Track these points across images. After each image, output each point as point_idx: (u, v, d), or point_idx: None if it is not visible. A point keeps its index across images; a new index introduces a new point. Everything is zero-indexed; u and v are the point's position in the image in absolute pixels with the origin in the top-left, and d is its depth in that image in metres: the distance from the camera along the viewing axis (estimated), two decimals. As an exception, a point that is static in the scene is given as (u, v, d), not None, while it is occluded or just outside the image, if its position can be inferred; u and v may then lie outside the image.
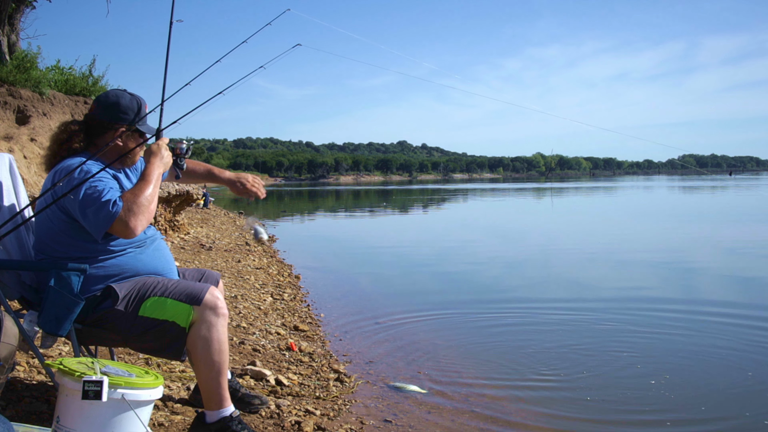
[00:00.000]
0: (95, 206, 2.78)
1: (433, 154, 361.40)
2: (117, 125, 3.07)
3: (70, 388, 2.36)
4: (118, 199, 2.79)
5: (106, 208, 2.76)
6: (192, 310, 2.88)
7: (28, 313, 2.91)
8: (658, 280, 9.72)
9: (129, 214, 2.78)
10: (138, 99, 3.16)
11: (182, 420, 3.38)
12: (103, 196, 2.79)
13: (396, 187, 78.80)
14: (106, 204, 2.77)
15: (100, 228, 2.79)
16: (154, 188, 2.93)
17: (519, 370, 5.31)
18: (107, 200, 2.78)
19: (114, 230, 2.80)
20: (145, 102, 3.19)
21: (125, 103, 3.10)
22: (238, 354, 5.02)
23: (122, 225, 2.78)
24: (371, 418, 4.00)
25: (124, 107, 3.09)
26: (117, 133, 3.07)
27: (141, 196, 2.85)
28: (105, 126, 3.07)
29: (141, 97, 3.20)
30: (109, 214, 2.76)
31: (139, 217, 2.81)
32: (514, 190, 60.42)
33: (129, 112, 3.09)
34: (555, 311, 7.41)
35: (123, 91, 3.20)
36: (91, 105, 3.17)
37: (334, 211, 30.92)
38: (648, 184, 78.36)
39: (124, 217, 2.77)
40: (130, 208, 2.80)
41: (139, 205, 2.82)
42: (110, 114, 3.07)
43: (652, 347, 5.90)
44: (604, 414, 4.33)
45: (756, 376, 5.05)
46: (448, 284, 9.42)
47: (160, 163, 3.08)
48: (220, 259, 10.49)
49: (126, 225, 2.78)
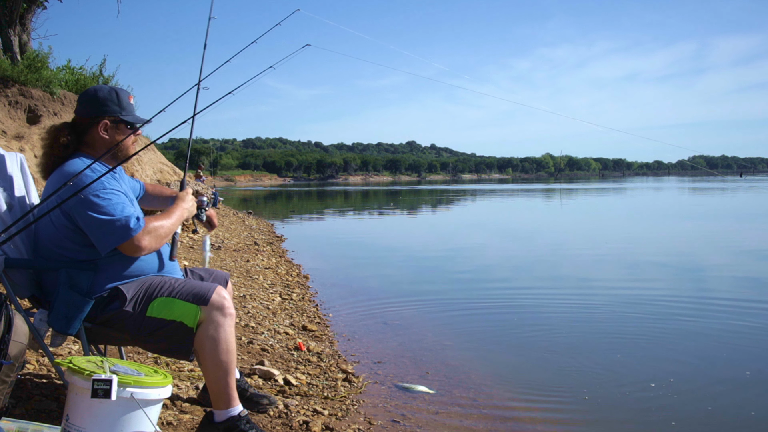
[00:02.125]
0: (106, 225, 2.83)
1: (442, 154, 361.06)
2: (98, 118, 3.09)
3: (80, 387, 2.37)
4: (133, 221, 2.85)
5: (119, 227, 2.82)
6: (199, 310, 2.89)
7: (39, 311, 2.93)
8: (668, 280, 9.68)
9: (146, 238, 2.88)
10: (117, 90, 3.18)
11: (191, 419, 3.39)
12: (116, 214, 2.82)
13: (404, 188, 78.75)
14: (118, 223, 2.82)
15: (108, 246, 2.86)
16: (172, 225, 3.05)
17: (526, 371, 5.31)
18: (120, 220, 2.83)
19: (123, 247, 2.86)
20: (128, 93, 3.20)
21: (103, 95, 3.12)
22: (246, 353, 5.03)
23: (133, 246, 2.87)
24: (379, 418, 4.00)
25: (102, 99, 3.11)
26: (100, 126, 3.08)
27: (161, 229, 2.97)
28: (88, 121, 3.10)
29: (123, 89, 3.22)
30: (123, 234, 2.83)
31: (153, 244, 2.93)
32: (523, 190, 60.29)
33: (108, 103, 3.10)
34: (564, 313, 7.40)
35: (103, 85, 3.24)
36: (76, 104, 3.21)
37: (342, 212, 30.93)
38: (658, 185, 78.04)
39: (139, 240, 2.86)
40: (149, 232, 2.90)
41: (157, 235, 2.94)
42: (91, 108, 3.10)
43: (661, 348, 5.88)
44: (612, 415, 4.32)
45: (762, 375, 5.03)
46: (456, 285, 9.41)
47: (185, 209, 3.19)
48: (229, 259, 10.51)
49: (138, 247, 2.87)
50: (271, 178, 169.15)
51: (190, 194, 3.31)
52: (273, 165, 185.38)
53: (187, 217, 3.22)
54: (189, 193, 3.31)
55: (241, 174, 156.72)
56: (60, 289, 2.83)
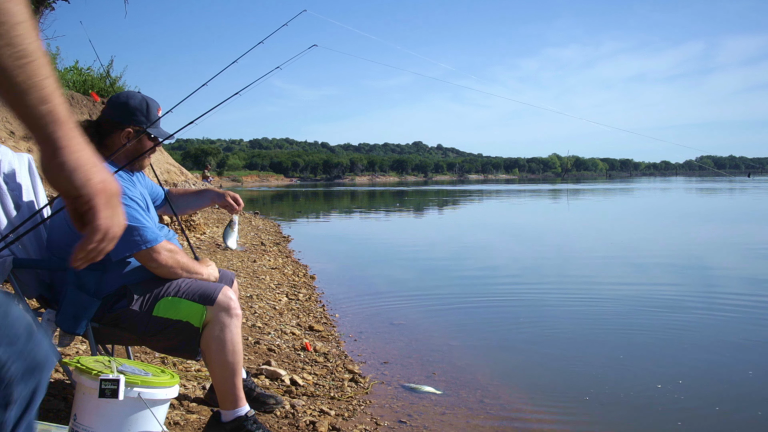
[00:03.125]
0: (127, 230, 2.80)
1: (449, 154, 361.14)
2: (124, 126, 3.08)
3: (87, 387, 2.38)
4: (151, 232, 2.88)
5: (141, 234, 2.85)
6: (205, 310, 2.90)
7: (46, 311, 2.94)
8: (675, 280, 9.65)
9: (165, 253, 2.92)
10: (149, 101, 3.16)
11: (198, 419, 3.39)
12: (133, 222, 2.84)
13: (411, 188, 78.74)
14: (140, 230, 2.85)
15: (121, 253, 2.87)
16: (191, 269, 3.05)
17: (534, 371, 5.30)
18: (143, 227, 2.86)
19: (140, 256, 2.90)
20: (158, 105, 3.18)
21: (134, 104, 3.10)
22: (253, 354, 5.04)
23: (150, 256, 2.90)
24: (386, 418, 4.00)
25: (133, 108, 3.09)
26: (123, 134, 3.07)
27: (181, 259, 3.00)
28: (113, 126, 3.08)
29: (154, 100, 3.20)
30: (143, 240, 2.86)
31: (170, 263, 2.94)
32: (530, 191, 60.20)
33: (137, 113, 3.09)
34: (572, 313, 7.38)
35: (136, 93, 3.21)
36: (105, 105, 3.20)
37: (349, 212, 30.94)
38: (665, 185, 77.80)
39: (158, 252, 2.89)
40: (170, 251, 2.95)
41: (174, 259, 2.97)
42: (119, 114, 3.09)
43: (668, 348, 5.86)
44: (619, 416, 4.31)
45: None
46: (463, 286, 9.40)
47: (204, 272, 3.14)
48: (235, 259, 10.53)
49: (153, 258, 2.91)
50: (278, 178, 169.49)
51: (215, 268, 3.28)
52: (280, 165, 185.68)
53: (199, 278, 3.12)
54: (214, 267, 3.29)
55: (248, 174, 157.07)
56: (68, 289, 2.84)
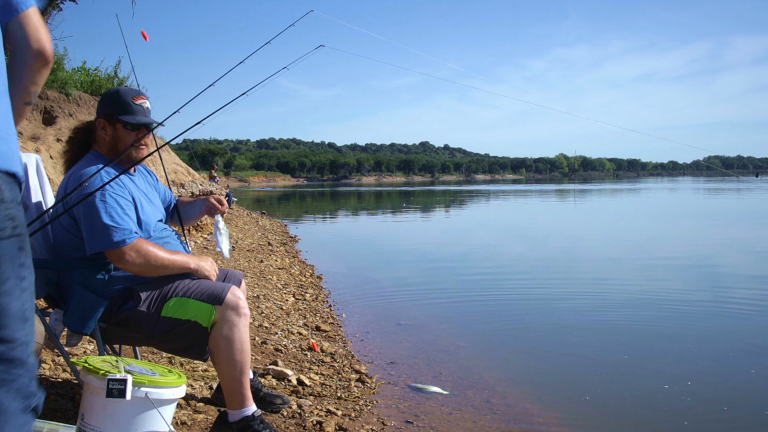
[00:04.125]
0: (95, 227, 2.84)
1: (456, 155, 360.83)
2: (98, 116, 3.11)
3: (95, 386, 2.39)
4: (128, 233, 2.85)
5: (109, 233, 2.83)
6: (214, 310, 2.90)
7: (54, 311, 2.95)
8: (684, 281, 9.62)
9: (133, 254, 2.86)
10: (121, 90, 3.15)
11: (205, 419, 3.40)
12: (106, 219, 2.84)
13: (418, 188, 78.72)
14: (110, 229, 2.83)
15: (93, 248, 2.86)
16: (170, 262, 2.99)
17: (541, 372, 5.29)
18: (114, 227, 2.84)
19: (108, 255, 2.88)
20: (135, 94, 3.15)
21: (106, 95, 3.15)
22: (260, 354, 5.04)
23: (116, 256, 2.86)
24: (393, 418, 4.00)
25: (104, 99, 3.14)
26: (99, 125, 3.10)
27: (155, 258, 2.93)
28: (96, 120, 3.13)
29: (133, 89, 3.20)
30: (107, 241, 2.83)
31: (138, 262, 2.88)
32: (537, 191, 60.10)
33: (108, 102, 3.11)
34: (579, 314, 7.37)
35: (115, 87, 3.25)
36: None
37: (356, 212, 30.95)
38: (673, 185, 77.56)
39: (123, 253, 2.84)
40: (140, 252, 2.87)
41: (146, 259, 2.90)
42: (98, 108, 3.15)
43: (677, 349, 5.85)
44: (626, 416, 4.30)
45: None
46: (469, 286, 9.38)
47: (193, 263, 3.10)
48: (242, 259, 10.54)
49: (120, 259, 2.86)
50: (285, 178, 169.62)
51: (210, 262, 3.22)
52: (286, 166, 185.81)
53: (191, 271, 3.10)
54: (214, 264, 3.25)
55: (255, 174, 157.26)
56: (75, 289, 2.85)
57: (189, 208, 3.61)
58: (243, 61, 3.39)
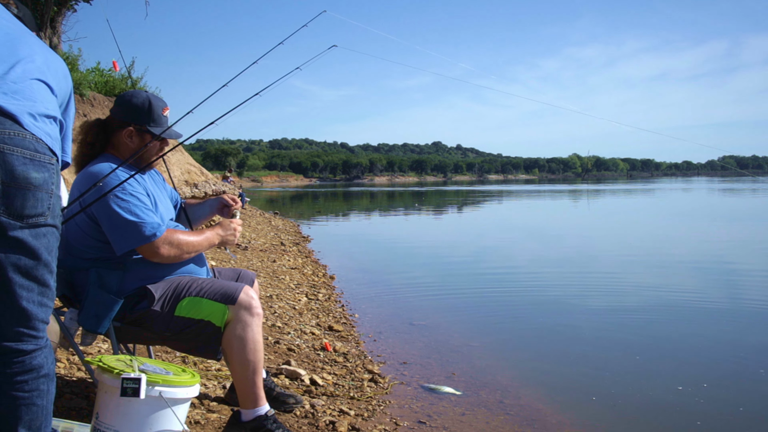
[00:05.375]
0: (122, 226, 2.85)
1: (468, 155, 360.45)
2: (126, 124, 3.10)
3: (109, 385, 2.40)
4: (151, 226, 2.87)
5: (138, 229, 2.84)
6: (227, 310, 2.91)
7: (69, 310, 2.96)
8: (700, 283, 9.56)
9: (166, 247, 2.91)
10: (153, 100, 3.17)
11: (218, 418, 3.41)
12: (133, 216, 2.85)
13: (430, 188, 78.64)
14: (139, 226, 2.84)
15: (124, 247, 2.88)
16: (198, 244, 3.06)
17: (554, 373, 5.27)
18: (137, 223, 2.85)
19: (141, 251, 2.89)
20: (164, 105, 3.19)
21: (137, 102, 3.12)
22: (273, 353, 5.05)
23: (151, 251, 2.90)
24: (405, 419, 3.99)
25: (134, 106, 3.12)
26: (125, 132, 3.09)
27: (186, 245, 2.99)
28: (118, 124, 3.11)
29: (161, 100, 3.22)
30: (139, 237, 2.85)
31: (172, 254, 2.94)
32: (550, 191, 59.90)
33: (139, 112, 3.11)
34: (593, 315, 7.34)
35: (141, 92, 3.23)
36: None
37: (368, 212, 30.96)
38: (687, 185, 77.12)
39: (157, 247, 2.88)
40: (171, 243, 2.92)
41: (179, 248, 2.96)
42: (122, 112, 3.12)
43: (692, 352, 5.82)
44: (640, 418, 4.27)
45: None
46: (482, 286, 9.36)
47: (219, 235, 3.18)
48: (255, 259, 10.57)
49: (155, 253, 2.90)
50: (297, 178, 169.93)
51: (234, 224, 3.28)
52: (299, 166, 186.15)
53: (220, 244, 3.20)
54: (233, 223, 3.29)
55: (268, 175, 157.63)
56: (90, 288, 2.86)
57: (197, 209, 3.61)
58: (256, 62, 3.38)
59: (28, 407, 2.01)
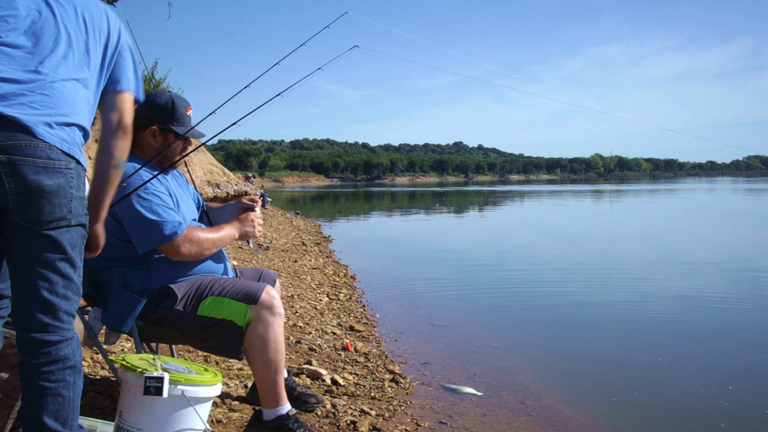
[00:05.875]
0: (144, 224, 2.87)
1: (490, 155, 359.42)
2: (149, 123, 3.12)
3: (133, 384, 2.42)
4: (172, 225, 2.89)
5: (159, 228, 2.86)
6: (249, 309, 2.92)
7: (93, 309, 2.99)
8: (727, 284, 9.45)
9: (186, 245, 2.92)
10: (176, 100, 3.18)
11: (240, 417, 3.42)
12: (155, 215, 2.87)
13: (451, 189, 78.48)
14: (159, 224, 2.86)
15: (145, 245, 2.90)
16: (219, 240, 3.07)
17: (576, 373, 5.24)
18: (159, 222, 2.87)
19: (163, 249, 2.91)
20: (187, 105, 3.21)
21: (160, 102, 3.14)
22: (294, 353, 5.06)
23: (172, 250, 2.91)
24: (426, 419, 3.99)
25: (158, 106, 3.13)
26: (148, 131, 3.11)
27: (206, 241, 3.00)
28: (141, 123, 3.13)
29: (184, 100, 3.23)
30: (160, 236, 2.87)
31: (193, 251, 2.96)
32: (572, 192, 59.54)
33: (162, 111, 3.13)
34: (616, 315, 7.28)
35: (165, 92, 3.25)
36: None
37: (389, 212, 30.96)
38: (712, 186, 76.31)
39: (178, 245, 2.89)
40: (191, 240, 2.93)
41: (199, 245, 2.97)
42: (146, 112, 3.12)
43: (717, 353, 5.75)
44: (665, 421, 4.23)
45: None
46: (504, 287, 9.33)
47: (239, 229, 3.20)
48: (277, 259, 10.61)
49: (176, 252, 2.92)
50: (319, 179, 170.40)
51: (251, 216, 3.29)
52: (320, 166, 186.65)
53: (240, 237, 3.21)
54: (249, 215, 3.30)
55: (289, 175, 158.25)
56: (114, 288, 2.89)
57: (218, 214, 3.63)
58: (278, 63, 3.40)
59: (54, 398, 2.05)
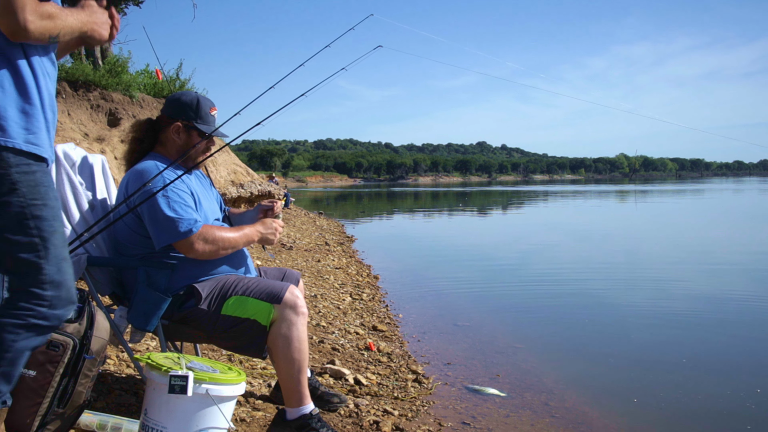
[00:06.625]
0: (161, 221, 2.91)
1: (513, 154, 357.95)
2: (173, 120, 3.18)
3: (158, 382, 2.44)
4: (188, 223, 2.91)
5: (174, 225, 2.89)
6: (272, 309, 2.93)
7: (119, 308, 3.02)
8: (755, 286, 9.33)
9: (200, 243, 2.94)
10: (201, 99, 3.24)
11: (263, 416, 3.44)
12: (172, 212, 2.90)
13: (474, 189, 78.25)
14: (176, 221, 2.89)
15: (161, 241, 2.93)
16: (235, 241, 3.08)
17: (600, 375, 5.20)
18: (176, 219, 2.90)
19: (178, 246, 2.93)
20: (211, 105, 3.26)
21: (185, 100, 3.21)
22: (317, 353, 5.07)
23: (186, 247, 2.94)
24: (449, 420, 3.98)
25: (182, 104, 3.19)
26: (173, 128, 3.16)
27: (222, 241, 3.01)
28: (166, 121, 3.19)
29: (208, 100, 3.28)
30: (176, 233, 2.90)
31: (207, 251, 2.97)
32: (596, 192, 59.10)
33: (186, 109, 3.18)
34: (641, 317, 7.22)
35: (190, 91, 3.32)
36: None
37: (412, 212, 30.94)
38: (739, 186, 75.35)
39: (192, 243, 2.92)
40: (207, 239, 2.95)
41: (215, 245, 2.99)
42: (171, 109, 3.20)
43: (742, 358, 5.68)
44: (689, 425, 4.19)
45: None
46: (527, 287, 9.29)
47: (258, 232, 3.20)
48: (300, 259, 10.64)
49: (191, 249, 2.94)
50: (342, 178, 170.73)
51: (275, 223, 3.30)
52: (343, 166, 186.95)
53: (259, 241, 3.22)
54: (275, 222, 3.31)
55: (312, 175, 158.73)
56: (139, 287, 2.92)
57: (240, 218, 3.65)
58: (303, 64, 3.41)
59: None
